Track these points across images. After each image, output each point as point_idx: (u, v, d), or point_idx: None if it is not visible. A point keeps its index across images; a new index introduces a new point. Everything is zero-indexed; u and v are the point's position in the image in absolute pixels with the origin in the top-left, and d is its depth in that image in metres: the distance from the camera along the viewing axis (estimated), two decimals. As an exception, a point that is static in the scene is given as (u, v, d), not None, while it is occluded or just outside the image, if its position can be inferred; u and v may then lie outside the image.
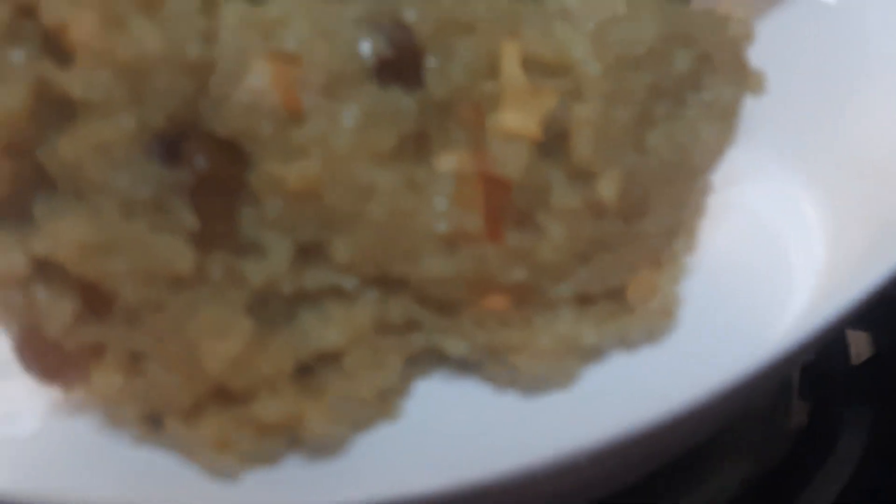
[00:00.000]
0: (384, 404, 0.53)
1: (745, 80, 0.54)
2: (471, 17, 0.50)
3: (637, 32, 0.50)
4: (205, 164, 0.47)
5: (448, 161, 0.50)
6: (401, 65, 0.50)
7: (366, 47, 0.48)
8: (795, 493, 0.62)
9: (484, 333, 0.53)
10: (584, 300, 0.54)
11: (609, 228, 0.51)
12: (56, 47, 0.48)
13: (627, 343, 0.56)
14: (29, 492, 0.49)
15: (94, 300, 0.50)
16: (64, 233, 0.47)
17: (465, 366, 0.56)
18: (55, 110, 0.47)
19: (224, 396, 0.51)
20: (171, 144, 0.47)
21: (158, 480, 0.51)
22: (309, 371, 0.52)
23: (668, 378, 0.53)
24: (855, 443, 0.65)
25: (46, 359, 0.52)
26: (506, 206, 0.49)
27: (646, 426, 0.39)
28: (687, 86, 0.53)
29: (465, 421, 0.53)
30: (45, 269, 0.50)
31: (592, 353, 0.55)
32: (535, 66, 0.50)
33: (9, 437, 0.54)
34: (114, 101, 0.46)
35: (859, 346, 0.73)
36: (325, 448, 0.52)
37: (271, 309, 0.51)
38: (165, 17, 0.46)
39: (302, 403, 0.50)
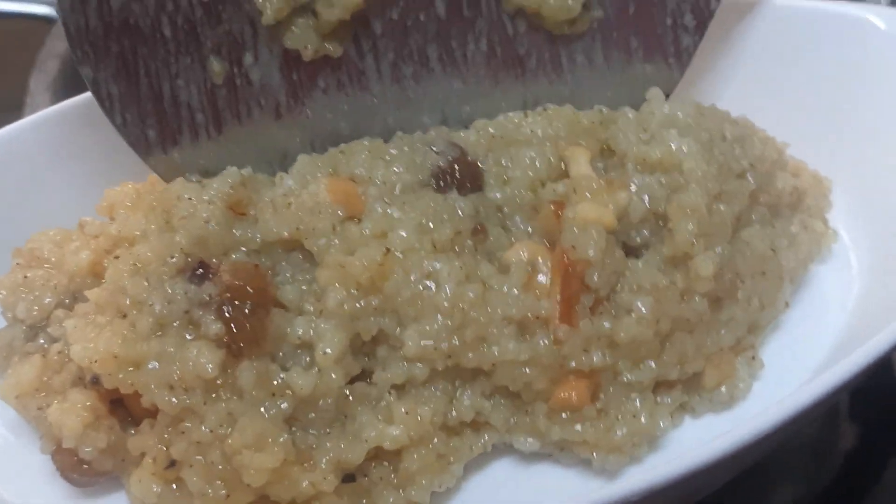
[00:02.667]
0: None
1: (825, 232, 0.61)
2: (527, 136, 0.56)
3: (741, 151, 0.56)
4: (230, 279, 0.49)
5: (520, 252, 0.51)
6: (458, 175, 0.54)
7: (421, 164, 0.54)
8: (847, 516, 0.61)
9: (557, 429, 0.50)
10: (660, 385, 0.52)
11: (697, 308, 0.51)
12: None
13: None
14: None
15: (132, 409, 0.50)
16: (99, 345, 0.48)
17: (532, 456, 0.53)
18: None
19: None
20: (200, 268, 0.50)
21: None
22: (359, 471, 0.49)
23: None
24: (904, 465, 0.63)
25: (77, 470, 0.51)
26: (580, 291, 0.50)
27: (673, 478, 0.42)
28: (785, 202, 0.59)
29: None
30: (55, 388, 0.51)
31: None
32: (613, 163, 0.55)
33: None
34: (147, 232, 0.51)
35: (906, 369, 0.70)
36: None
37: (322, 413, 0.49)
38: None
39: None
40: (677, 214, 0.51)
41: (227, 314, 0.48)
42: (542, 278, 0.50)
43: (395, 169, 0.53)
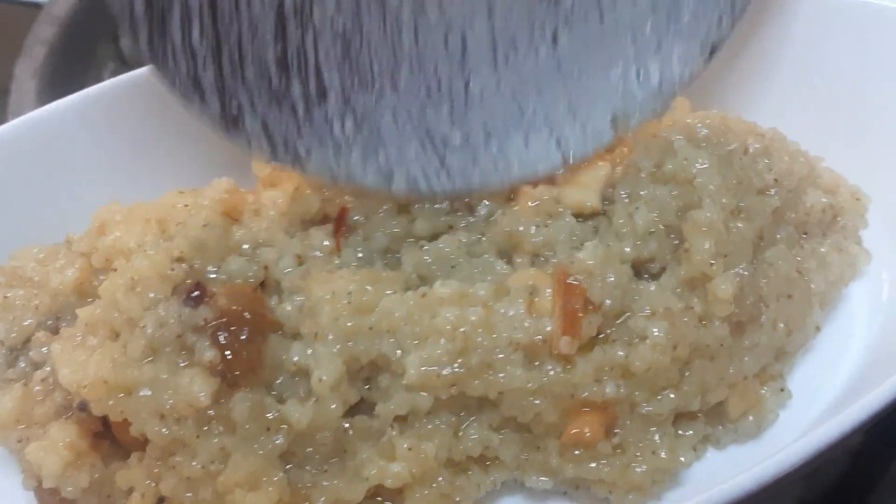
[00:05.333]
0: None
1: (858, 252, 0.58)
2: None
3: (765, 165, 0.53)
4: (226, 303, 0.47)
5: (524, 277, 0.49)
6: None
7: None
8: (851, 514, 0.58)
9: (571, 467, 0.47)
10: (680, 416, 0.49)
11: (717, 333, 0.48)
12: None
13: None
14: None
15: (121, 439, 0.48)
16: (89, 370, 0.46)
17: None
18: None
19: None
20: (196, 290, 0.47)
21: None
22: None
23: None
24: (911, 463, 0.60)
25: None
26: (583, 304, 0.47)
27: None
28: (816, 221, 0.56)
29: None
30: (37, 419, 0.49)
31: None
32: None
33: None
34: (143, 244, 0.51)
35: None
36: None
37: (320, 448, 0.46)
38: None
39: None
40: (692, 231, 0.48)
41: (221, 340, 0.46)
42: (542, 298, 0.48)
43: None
